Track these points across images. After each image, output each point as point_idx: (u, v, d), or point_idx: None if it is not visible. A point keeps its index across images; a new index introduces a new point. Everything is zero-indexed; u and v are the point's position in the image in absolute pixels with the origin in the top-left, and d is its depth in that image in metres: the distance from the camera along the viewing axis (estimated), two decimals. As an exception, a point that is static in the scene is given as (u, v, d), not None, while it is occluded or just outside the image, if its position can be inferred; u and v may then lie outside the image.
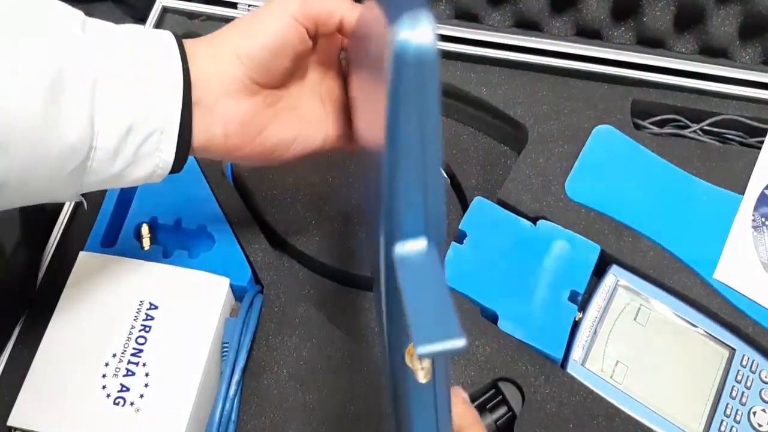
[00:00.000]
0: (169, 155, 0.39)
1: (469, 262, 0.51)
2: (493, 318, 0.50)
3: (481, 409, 0.48)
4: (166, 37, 0.40)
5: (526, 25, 0.62)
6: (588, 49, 0.60)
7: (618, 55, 0.60)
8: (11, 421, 0.44)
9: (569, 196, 0.54)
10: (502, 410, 0.48)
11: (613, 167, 0.56)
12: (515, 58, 0.60)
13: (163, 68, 0.38)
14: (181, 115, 0.39)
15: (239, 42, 0.41)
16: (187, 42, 0.41)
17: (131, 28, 0.40)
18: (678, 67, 0.60)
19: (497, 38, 0.61)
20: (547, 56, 0.60)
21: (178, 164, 0.40)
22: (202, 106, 0.40)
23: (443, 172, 0.60)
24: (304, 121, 0.44)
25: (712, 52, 0.61)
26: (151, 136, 0.38)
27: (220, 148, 0.41)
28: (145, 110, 0.38)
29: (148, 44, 0.39)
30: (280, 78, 0.42)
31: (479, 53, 0.61)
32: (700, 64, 0.60)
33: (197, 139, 0.40)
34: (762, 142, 0.57)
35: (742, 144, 0.59)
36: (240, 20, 0.42)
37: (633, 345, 0.50)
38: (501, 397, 0.48)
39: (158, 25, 0.63)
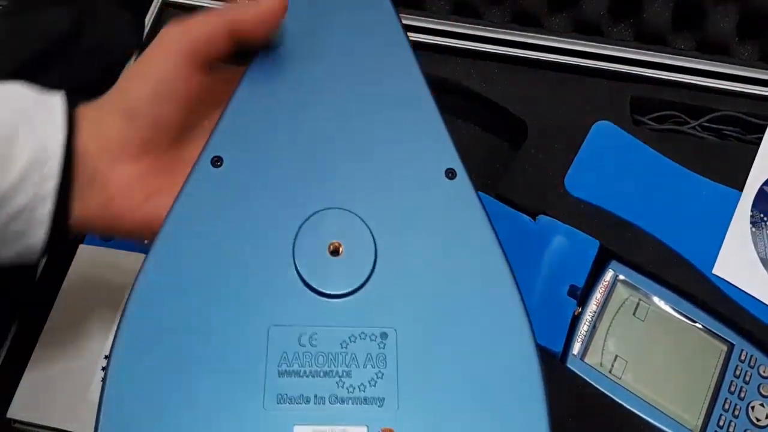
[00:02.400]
0: (36, 239, 0.34)
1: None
2: (492, 312, 0.50)
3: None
4: (53, 103, 0.35)
5: (526, 21, 0.62)
6: (587, 46, 0.60)
7: (617, 52, 0.60)
8: (11, 413, 0.44)
9: (568, 192, 0.54)
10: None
11: (612, 163, 0.56)
12: (515, 54, 0.60)
13: (36, 143, 0.33)
14: (59, 192, 0.34)
15: (121, 97, 0.36)
16: (80, 108, 0.36)
17: (16, 94, 0.35)
18: (677, 64, 0.60)
19: (496, 34, 0.61)
20: (547, 52, 0.60)
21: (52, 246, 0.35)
22: (85, 179, 0.35)
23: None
24: None
25: (711, 48, 0.61)
26: (18, 216, 0.33)
27: (99, 221, 0.36)
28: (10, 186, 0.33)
29: (30, 114, 0.34)
30: (173, 133, 0.38)
31: (478, 49, 0.61)
32: (699, 60, 0.60)
33: (76, 215, 0.35)
34: (760, 139, 0.57)
35: (740, 140, 0.59)
36: (127, 71, 0.38)
37: (632, 340, 0.50)
38: (500, 391, 0.48)
39: (158, 20, 0.63)
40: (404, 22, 0.61)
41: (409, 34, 0.62)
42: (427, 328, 0.35)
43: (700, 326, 0.51)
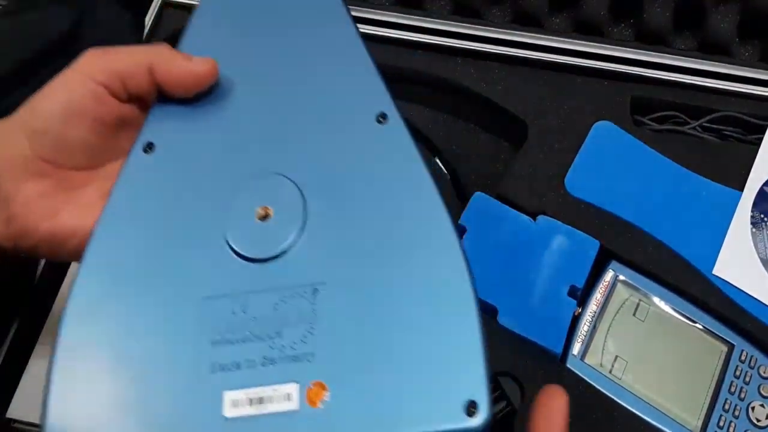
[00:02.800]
0: None
1: (468, 257, 0.51)
2: (492, 313, 0.50)
3: (480, 404, 0.48)
4: None
5: (526, 21, 0.62)
6: (588, 46, 0.60)
7: (618, 52, 0.60)
8: (11, 413, 0.44)
9: (569, 192, 0.54)
10: (502, 405, 0.48)
11: (612, 163, 0.56)
12: (515, 54, 0.60)
13: None
14: None
15: (29, 116, 0.36)
16: None
17: None
18: (678, 64, 0.60)
19: (497, 34, 0.61)
20: (547, 52, 0.60)
21: None
22: None
23: (443, 167, 0.60)
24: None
25: (712, 49, 0.61)
26: None
27: (3, 237, 0.37)
28: None
29: None
30: (82, 154, 0.38)
31: (479, 49, 0.61)
32: (699, 60, 0.60)
33: None
34: (761, 139, 0.57)
35: (741, 140, 0.59)
36: (40, 90, 0.37)
37: (632, 340, 0.50)
38: (500, 391, 0.48)
39: (158, 19, 0.63)
40: (404, 21, 0.61)
41: (409, 34, 0.63)
42: (358, 277, 0.34)
43: (700, 327, 0.50)
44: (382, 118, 0.38)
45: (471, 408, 0.31)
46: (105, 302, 0.35)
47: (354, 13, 0.60)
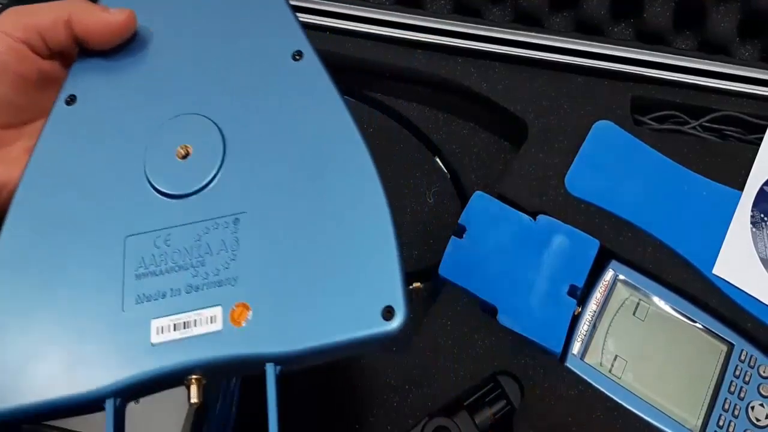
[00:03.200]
0: None
1: (469, 256, 0.51)
2: (492, 312, 0.50)
3: (480, 403, 0.48)
4: None
5: (527, 20, 0.62)
6: (588, 45, 0.60)
7: (618, 51, 0.60)
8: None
9: (569, 191, 0.54)
10: (501, 404, 0.48)
11: (612, 162, 0.56)
12: (515, 54, 0.60)
13: None
14: None
15: None
16: None
17: None
18: (678, 64, 0.60)
19: (497, 33, 0.61)
20: (547, 52, 0.60)
21: None
22: None
23: (443, 166, 0.60)
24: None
25: (712, 48, 0.61)
26: None
27: None
28: None
29: None
30: (6, 112, 0.39)
31: (479, 48, 0.60)
32: (699, 60, 0.60)
33: None
34: (761, 139, 0.57)
35: (741, 140, 0.59)
36: None
37: (632, 339, 0.50)
38: (500, 390, 0.48)
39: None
40: (404, 21, 0.61)
41: (409, 33, 0.63)
42: (277, 203, 0.36)
43: (700, 326, 0.51)
44: (297, 55, 0.40)
45: (388, 313, 0.33)
46: (32, 246, 0.37)
47: (355, 12, 0.60)
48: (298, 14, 0.60)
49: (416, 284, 0.56)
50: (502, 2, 0.63)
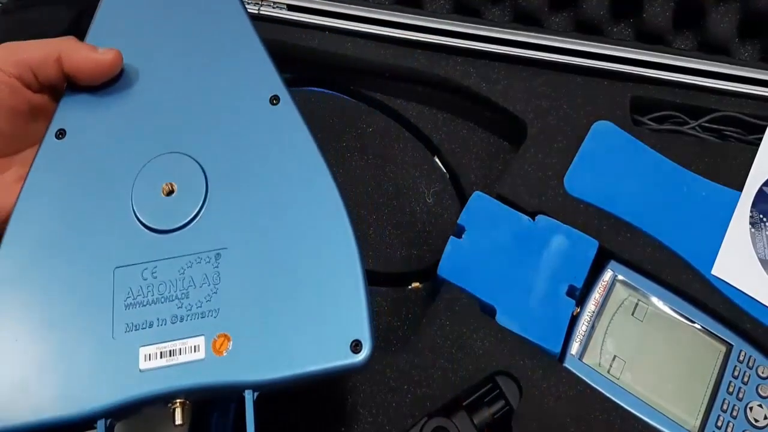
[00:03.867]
0: None
1: (468, 257, 0.51)
2: (491, 312, 0.50)
3: (479, 403, 0.48)
4: None
5: (526, 20, 0.62)
6: (588, 45, 0.60)
7: (617, 52, 0.60)
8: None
9: (568, 192, 0.54)
10: (500, 404, 0.48)
11: (611, 163, 0.56)
12: (515, 54, 0.60)
13: None
14: None
15: None
16: None
17: None
18: (677, 64, 0.60)
19: (497, 33, 0.61)
20: (547, 52, 0.60)
21: None
22: None
23: (442, 166, 0.60)
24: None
25: (712, 49, 0.61)
26: None
27: None
28: None
29: None
30: (1, 141, 0.41)
31: (479, 48, 0.60)
32: (699, 60, 0.60)
33: None
34: (760, 139, 0.57)
35: (740, 141, 0.59)
36: None
37: (630, 340, 0.50)
38: (498, 391, 0.48)
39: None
40: (404, 21, 0.61)
41: (409, 33, 0.63)
42: (256, 241, 0.39)
43: (698, 327, 0.51)
44: (275, 100, 0.43)
45: (356, 346, 0.37)
46: (24, 275, 0.39)
47: (354, 12, 0.60)
48: (299, 14, 0.61)
49: (415, 284, 0.56)
50: (502, 2, 0.63)
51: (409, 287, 0.56)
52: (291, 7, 0.61)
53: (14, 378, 0.36)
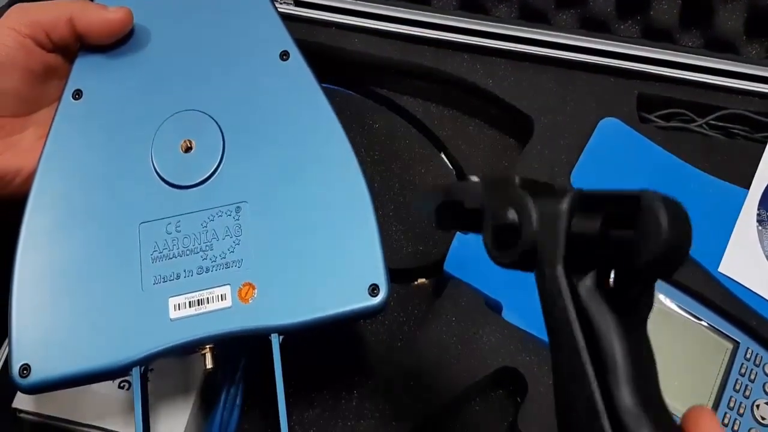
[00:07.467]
0: None
1: (474, 252, 0.51)
2: (497, 308, 0.50)
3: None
4: None
5: (533, 17, 0.62)
6: (595, 42, 0.60)
7: (624, 49, 0.60)
8: (16, 403, 0.44)
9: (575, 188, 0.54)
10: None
11: (618, 160, 0.56)
12: (522, 50, 0.60)
13: None
14: None
15: None
16: None
17: None
18: (684, 61, 0.59)
19: (503, 30, 0.60)
20: (554, 48, 0.60)
21: None
22: None
23: (448, 163, 0.60)
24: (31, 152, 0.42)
25: (719, 46, 0.60)
26: None
27: None
28: None
29: None
30: (16, 102, 0.42)
31: (486, 44, 0.60)
32: (706, 58, 0.59)
33: None
34: (767, 137, 0.57)
35: (747, 138, 0.59)
36: None
37: (637, 337, 0.50)
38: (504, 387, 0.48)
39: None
40: (411, 17, 0.61)
41: (415, 29, 0.63)
42: (273, 193, 0.41)
43: (705, 324, 0.50)
44: (285, 55, 0.45)
45: (374, 290, 0.39)
46: (54, 233, 0.40)
47: (362, 8, 0.60)
48: (306, 10, 0.61)
49: (421, 280, 0.56)
50: (509, -1, 0.63)
51: (416, 283, 0.56)
52: (298, 3, 0.61)
53: (52, 332, 0.38)
